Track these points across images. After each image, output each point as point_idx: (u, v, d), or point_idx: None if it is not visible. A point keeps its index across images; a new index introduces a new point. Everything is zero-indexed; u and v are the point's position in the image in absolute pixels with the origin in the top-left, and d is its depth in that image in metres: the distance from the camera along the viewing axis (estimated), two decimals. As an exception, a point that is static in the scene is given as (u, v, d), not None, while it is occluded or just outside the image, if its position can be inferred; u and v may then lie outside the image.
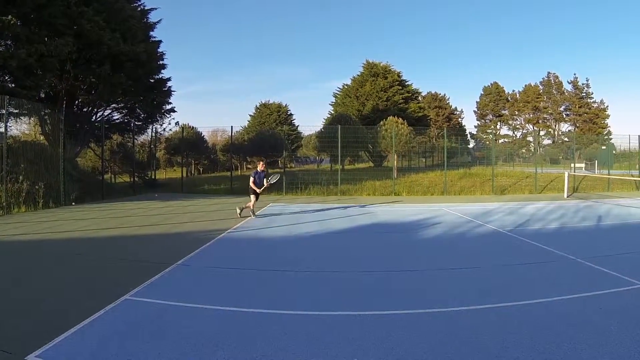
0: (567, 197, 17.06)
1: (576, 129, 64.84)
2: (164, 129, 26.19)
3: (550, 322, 3.81)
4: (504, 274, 5.65)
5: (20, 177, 12.29)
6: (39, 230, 9.04)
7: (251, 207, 11.19)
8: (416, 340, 3.45)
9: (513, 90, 74.79)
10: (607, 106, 65.36)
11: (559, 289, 4.87)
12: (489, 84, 76.61)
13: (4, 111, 12.44)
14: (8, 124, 13.06)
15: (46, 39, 14.78)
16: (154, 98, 22.45)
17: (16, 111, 15.15)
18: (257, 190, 11.31)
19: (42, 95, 16.65)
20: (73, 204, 13.93)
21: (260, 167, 11.73)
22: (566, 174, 18.04)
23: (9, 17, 12.85)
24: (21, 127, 17.84)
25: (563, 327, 3.69)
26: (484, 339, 3.45)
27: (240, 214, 11.05)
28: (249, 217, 10.91)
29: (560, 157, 48.47)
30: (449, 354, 3.19)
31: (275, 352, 3.24)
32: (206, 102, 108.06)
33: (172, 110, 24.46)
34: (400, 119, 28.48)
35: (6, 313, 4.06)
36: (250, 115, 60.21)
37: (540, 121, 71.20)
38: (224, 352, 3.23)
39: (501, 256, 6.76)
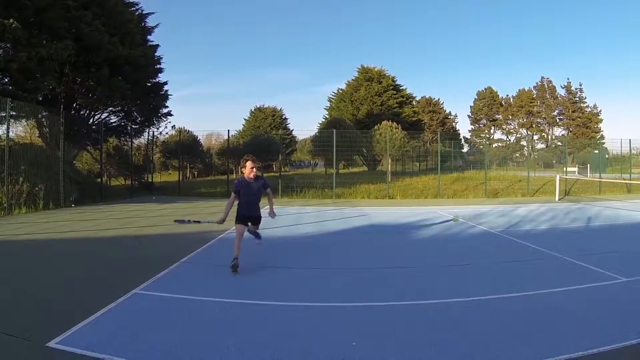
0: (559, 199, 17.41)
1: (569, 133, 65.70)
2: (161, 133, 26.38)
3: (531, 312, 4.10)
4: (492, 270, 5.91)
5: (21, 179, 12.43)
6: (43, 230, 9.21)
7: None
8: (410, 326, 3.72)
9: (507, 95, 75.82)
10: (600, 111, 66.57)
11: (543, 283, 5.16)
12: (483, 89, 77.53)
13: (4, 113, 12.57)
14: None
15: (45, 42, 14.94)
16: (151, 102, 22.71)
17: (15, 114, 15.30)
18: None
19: (40, 98, 16.77)
20: (72, 205, 14.09)
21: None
22: (557, 178, 18.42)
23: (10, 20, 13.01)
24: (18, 130, 18.01)
25: (543, 317, 3.97)
26: (471, 327, 3.73)
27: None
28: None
29: (554, 161, 48.99)
30: (438, 338, 3.46)
31: (281, 337, 3.48)
32: (201, 105, 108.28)
33: (169, 113, 24.77)
34: (394, 123, 28.72)
35: (20, 306, 4.26)
36: (245, 119, 60.65)
37: (533, 125, 72.06)
38: (233, 338, 3.46)
39: (491, 255, 7.02)
